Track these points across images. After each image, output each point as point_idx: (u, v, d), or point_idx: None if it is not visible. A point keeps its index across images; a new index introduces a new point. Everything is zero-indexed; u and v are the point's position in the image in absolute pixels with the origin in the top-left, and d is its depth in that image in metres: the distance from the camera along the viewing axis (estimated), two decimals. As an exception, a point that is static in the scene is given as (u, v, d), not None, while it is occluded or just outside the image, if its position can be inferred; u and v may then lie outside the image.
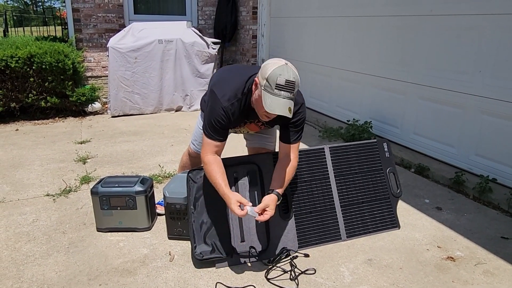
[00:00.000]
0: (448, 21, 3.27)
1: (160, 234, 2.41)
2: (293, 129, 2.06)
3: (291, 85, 1.77)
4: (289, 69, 1.79)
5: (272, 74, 1.76)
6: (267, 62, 1.85)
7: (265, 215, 1.93)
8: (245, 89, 1.96)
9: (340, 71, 4.67)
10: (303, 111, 2.06)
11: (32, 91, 4.82)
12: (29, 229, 2.46)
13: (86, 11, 5.77)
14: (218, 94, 1.94)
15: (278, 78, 1.75)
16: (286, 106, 1.77)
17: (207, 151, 1.99)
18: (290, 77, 1.77)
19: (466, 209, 2.81)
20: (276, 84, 1.75)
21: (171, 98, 5.47)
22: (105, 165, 3.51)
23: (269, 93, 1.78)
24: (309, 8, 5.11)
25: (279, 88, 1.76)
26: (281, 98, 1.77)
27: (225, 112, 1.92)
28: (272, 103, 1.77)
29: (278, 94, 1.76)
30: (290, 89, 1.78)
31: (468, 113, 3.21)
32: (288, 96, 1.78)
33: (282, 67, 1.78)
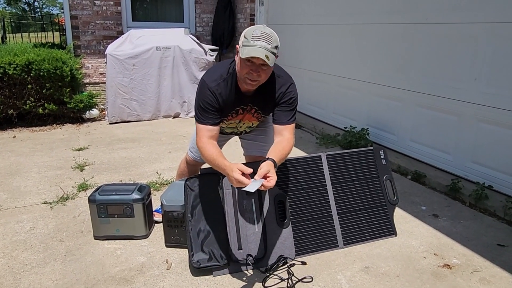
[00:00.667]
0: (444, 29, 3.31)
1: (157, 242, 2.41)
2: (285, 109, 2.06)
3: (267, 35, 1.82)
4: (266, 28, 1.86)
5: (249, 30, 1.86)
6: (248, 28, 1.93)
7: (270, 181, 1.76)
8: (230, 69, 2.01)
9: (337, 78, 4.70)
10: (293, 90, 2.08)
11: (30, 98, 4.83)
12: (26, 237, 2.46)
13: (84, 18, 5.79)
14: (206, 78, 2.01)
15: (254, 31, 1.83)
16: (262, 52, 1.79)
17: (201, 136, 1.99)
18: (266, 30, 1.84)
19: (463, 216, 2.82)
20: (252, 36, 1.82)
21: (169, 104, 5.48)
22: (102, 172, 3.51)
23: (246, 45, 1.83)
24: (306, 15, 5.15)
25: (255, 38, 1.81)
26: (257, 47, 1.80)
27: (211, 92, 1.96)
28: (249, 50, 1.81)
29: (254, 44, 1.81)
30: (267, 40, 1.81)
31: (464, 121, 3.23)
32: (265, 46, 1.81)
33: (258, 26, 1.87)
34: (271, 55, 1.82)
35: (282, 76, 2.07)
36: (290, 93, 2.06)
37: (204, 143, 1.97)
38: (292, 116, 2.09)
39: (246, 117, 2.20)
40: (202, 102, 1.97)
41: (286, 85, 2.06)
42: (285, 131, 2.06)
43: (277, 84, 2.05)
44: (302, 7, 5.22)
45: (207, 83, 1.98)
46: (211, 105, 1.97)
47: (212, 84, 1.97)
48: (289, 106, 2.07)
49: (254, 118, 2.22)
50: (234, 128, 2.32)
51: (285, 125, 2.06)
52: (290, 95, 2.06)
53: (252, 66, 1.85)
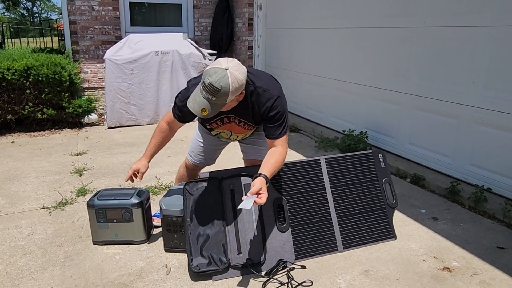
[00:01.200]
0: (441, 33, 3.32)
1: (156, 247, 2.40)
2: (274, 124, 2.06)
3: (212, 90, 1.79)
4: (220, 74, 1.78)
5: (206, 71, 1.83)
6: (217, 60, 1.90)
7: (261, 198, 1.85)
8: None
9: (336, 81, 4.71)
10: (280, 104, 2.04)
11: (28, 103, 4.82)
12: (24, 242, 2.45)
13: (83, 23, 5.80)
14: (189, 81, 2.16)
15: (205, 78, 1.81)
16: (200, 106, 1.83)
17: (163, 118, 2.29)
18: (214, 82, 1.77)
19: (462, 219, 2.82)
20: (202, 82, 1.83)
21: (168, 109, 5.44)
22: (101, 177, 3.50)
23: (198, 86, 1.86)
24: (305, 19, 5.16)
25: (203, 87, 1.82)
26: (200, 96, 1.83)
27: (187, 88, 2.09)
28: (191, 98, 1.87)
29: (201, 91, 1.83)
30: (210, 93, 1.80)
31: (462, 123, 3.24)
32: (209, 98, 1.81)
33: (215, 70, 1.80)
34: (213, 107, 1.83)
35: (268, 90, 2.03)
36: (276, 108, 2.03)
37: (161, 124, 2.28)
38: (282, 129, 2.08)
39: (236, 129, 2.21)
40: (178, 99, 2.16)
41: (272, 99, 2.02)
42: (277, 143, 2.08)
43: (263, 98, 2.02)
44: (301, 11, 5.23)
45: (187, 84, 2.14)
46: (183, 100, 2.08)
47: (189, 84, 2.12)
48: (277, 121, 2.05)
49: (245, 130, 2.23)
50: (227, 139, 2.35)
51: (277, 139, 2.08)
52: (276, 109, 2.03)
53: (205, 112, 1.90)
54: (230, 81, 1.79)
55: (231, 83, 1.79)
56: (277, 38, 5.94)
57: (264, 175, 1.93)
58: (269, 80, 2.10)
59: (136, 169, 2.26)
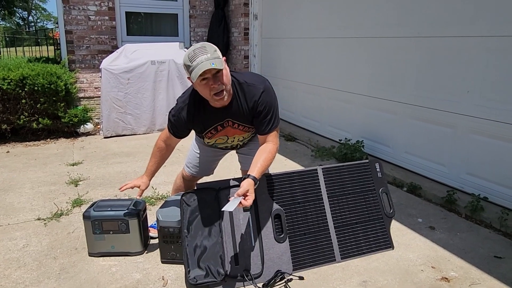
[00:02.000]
0: (436, 43, 3.36)
1: (153, 258, 2.38)
2: (263, 118, 2.07)
3: (201, 49, 1.86)
4: (196, 44, 1.91)
5: (185, 57, 1.91)
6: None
7: (247, 200, 1.86)
8: (191, 95, 2.10)
9: (332, 91, 4.73)
10: (266, 97, 2.05)
11: (24, 113, 4.80)
12: (19, 254, 2.42)
13: (79, 33, 5.81)
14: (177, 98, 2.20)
15: (189, 54, 1.88)
16: (207, 64, 1.83)
17: (160, 137, 2.31)
18: (197, 46, 1.89)
19: (459, 228, 2.82)
20: (189, 58, 1.86)
21: (164, 118, 5.47)
22: (97, 187, 3.48)
23: (191, 70, 1.86)
24: (300, 29, 5.20)
25: (192, 58, 1.85)
26: (199, 64, 1.84)
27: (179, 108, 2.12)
28: (195, 71, 1.85)
29: (196, 63, 1.84)
30: (203, 52, 1.85)
31: (458, 133, 3.26)
32: (206, 57, 1.85)
33: (191, 47, 1.92)
34: (216, 60, 1.86)
35: (253, 84, 2.05)
36: (263, 101, 2.03)
37: (158, 143, 2.32)
38: (272, 123, 2.08)
39: (231, 132, 2.21)
40: (172, 116, 2.18)
41: (258, 93, 2.03)
42: (268, 139, 2.11)
43: (249, 94, 2.04)
44: (297, 21, 5.27)
45: (178, 99, 2.17)
46: (177, 119, 2.15)
47: (180, 99, 2.15)
48: (266, 115, 2.06)
49: (241, 131, 2.22)
50: (225, 143, 2.33)
51: (267, 134, 2.10)
52: (263, 103, 2.04)
53: (209, 81, 1.88)
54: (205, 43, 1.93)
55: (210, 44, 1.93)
56: (273, 47, 5.97)
57: (252, 176, 1.95)
58: (253, 75, 2.12)
59: (137, 185, 2.30)
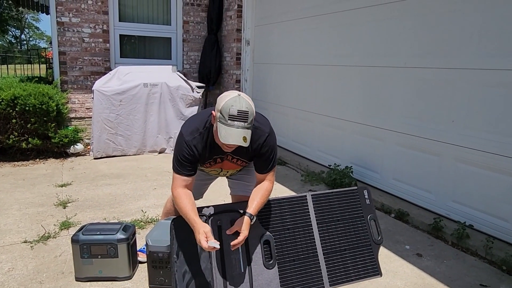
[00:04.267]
0: (422, 73, 3.47)
1: (141, 283, 2.36)
2: (264, 159, 2.12)
3: (244, 114, 1.84)
4: (241, 100, 1.86)
5: (225, 106, 1.84)
6: (222, 94, 1.93)
7: (239, 237, 1.94)
8: (207, 123, 2.04)
9: (322, 116, 4.82)
10: (271, 140, 2.11)
11: (13, 132, 4.78)
12: (4, 279, 2.38)
13: (73, 54, 5.86)
14: (183, 131, 2.05)
15: (230, 109, 1.82)
16: (240, 136, 1.83)
17: (176, 185, 2.06)
18: (242, 107, 1.84)
19: (446, 255, 2.86)
20: (229, 115, 1.83)
21: (155, 140, 5.50)
22: (86, 209, 3.46)
23: (223, 124, 1.84)
24: (291, 55, 5.33)
25: (232, 118, 1.83)
26: (234, 128, 1.83)
27: (187, 145, 2.00)
28: (226, 134, 1.83)
29: (232, 124, 1.83)
30: (243, 119, 1.84)
31: (443, 161, 3.34)
32: (242, 125, 1.84)
33: (234, 98, 1.86)
34: (248, 132, 1.87)
35: (259, 127, 2.09)
36: (267, 145, 2.09)
37: (178, 192, 2.04)
38: (271, 164, 2.15)
39: (227, 165, 2.25)
40: (179, 154, 2.03)
41: (263, 136, 2.09)
42: (266, 177, 2.17)
43: (255, 136, 2.08)
44: (288, 48, 5.40)
45: (184, 136, 2.03)
46: (186, 157, 2.02)
47: (188, 137, 2.02)
48: (268, 157, 2.12)
49: (236, 165, 2.27)
50: (217, 174, 2.38)
51: (266, 174, 2.16)
52: (267, 146, 2.10)
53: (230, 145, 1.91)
54: (249, 102, 1.89)
55: (250, 103, 1.89)
56: (264, 72, 6.09)
57: (249, 214, 2.02)
58: (259, 117, 2.16)
59: (206, 232, 1.96)
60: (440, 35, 3.29)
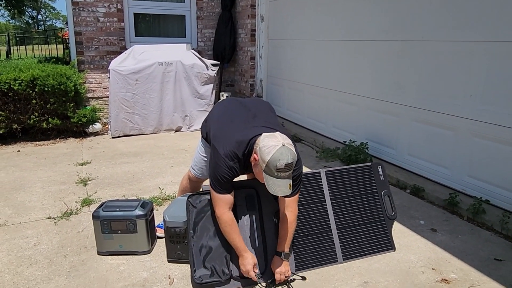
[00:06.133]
0: (439, 47, 3.39)
1: (159, 257, 2.45)
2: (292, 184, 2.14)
3: (290, 166, 1.90)
4: (286, 151, 1.90)
5: (272, 160, 1.87)
6: (266, 142, 1.93)
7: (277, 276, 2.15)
8: (246, 151, 2.06)
9: (337, 92, 4.77)
10: (300, 166, 2.16)
11: (34, 113, 4.90)
12: (30, 252, 2.51)
13: (88, 34, 5.90)
14: (221, 152, 2.05)
15: (278, 164, 1.87)
16: (286, 185, 1.91)
17: (222, 207, 2.11)
18: (289, 160, 1.88)
19: (460, 230, 2.86)
20: (276, 168, 1.87)
21: (171, 118, 5.56)
22: (105, 187, 3.56)
23: (270, 175, 1.90)
24: (306, 31, 5.25)
25: (279, 171, 1.88)
26: (281, 180, 1.90)
27: (229, 168, 2.05)
28: (274, 185, 1.90)
29: (279, 176, 1.89)
30: (289, 170, 1.90)
31: (460, 136, 3.29)
32: (288, 175, 1.91)
33: (280, 151, 1.88)
34: (291, 184, 1.94)
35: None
36: (297, 170, 2.12)
37: (226, 219, 2.11)
38: (297, 188, 2.19)
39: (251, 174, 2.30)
40: (221, 178, 2.06)
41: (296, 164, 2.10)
42: (290, 203, 2.19)
43: None
44: (303, 23, 5.32)
45: (225, 159, 2.05)
46: (228, 178, 2.07)
47: (230, 162, 2.05)
48: (295, 181, 2.14)
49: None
50: None
51: (291, 198, 2.18)
52: (297, 172, 2.13)
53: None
54: (293, 150, 1.95)
55: (294, 150, 1.95)
56: (279, 49, 6.02)
57: (284, 254, 2.17)
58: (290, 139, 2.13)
59: (255, 263, 2.15)
60: (458, 7, 3.19)
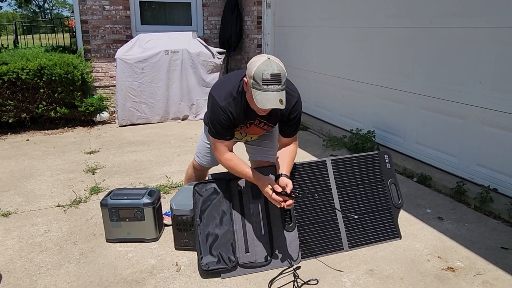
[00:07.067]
0: (448, 33, 3.33)
1: (167, 245, 2.49)
2: (291, 123, 2.19)
3: (277, 77, 1.85)
4: (272, 63, 1.86)
5: (257, 71, 1.84)
6: (252, 60, 1.93)
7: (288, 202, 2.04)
8: (239, 88, 2.05)
9: (344, 80, 4.74)
10: (299, 105, 2.16)
11: (42, 102, 4.94)
12: (41, 240, 2.55)
13: (94, 22, 5.90)
14: (215, 95, 2.06)
15: (263, 74, 1.83)
16: (276, 99, 1.84)
17: (220, 152, 2.12)
18: (274, 70, 1.84)
19: (467, 219, 2.85)
20: (262, 80, 1.83)
21: (178, 107, 5.57)
22: (113, 175, 3.60)
23: (258, 90, 1.86)
24: (312, 18, 5.19)
25: (266, 83, 1.84)
26: (270, 92, 1.84)
27: (223, 111, 2.02)
28: (263, 99, 1.85)
29: (267, 89, 1.84)
30: (277, 82, 1.85)
31: (468, 124, 3.26)
32: (277, 88, 1.86)
33: (265, 62, 1.86)
34: (283, 94, 1.88)
35: (289, 92, 2.08)
36: (295, 109, 2.13)
37: (226, 157, 2.12)
38: (297, 127, 2.22)
39: (253, 130, 2.28)
40: (215, 121, 2.04)
41: (293, 102, 2.12)
42: (291, 142, 2.24)
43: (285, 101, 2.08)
44: (309, 10, 5.26)
45: (218, 101, 2.03)
46: (223, 123, 2.04)
47: (223, 103, 2.02)
48: (294, 121, 2.17)
49: (262, 130, 2.30)
50: (240, 139, 2.42)
51: (291, 137, 2.23)
52: (295, 111, 2.14)
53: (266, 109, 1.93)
54: (280, 64, 1.89)
55: (281, 65, 1.89)
56: (285, 36, 5.97)
57: (284, 174, 2.13)
58: (288, 82, 2.14)
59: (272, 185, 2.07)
60: (469, -8, 3.13)
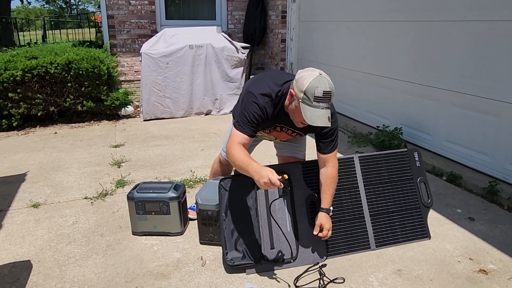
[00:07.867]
0: (482, 27, 3.21)
1: (192, 239, 2.49)
2: (328, 139, 2.11)
3: (328, 95, 1.83)
4: (324, 80, 1.84)
5: (310, 87, 1.82)
6: (302, 74, 1.89)
7: (324, 232, 2.11)
8: (280, 93, 2.01)
9: (370, 76, 4.64)
10: (336, 119, 2.11)
11: (69, 96, 5.04)
12: (69, 231, 2.60)
13: (120, 17, 5.96)
14: (254, 91, 2.01)
15: (316, 91, 1.81)
16: (325, 116, 1.84)
17: (234, 141, 1.99)
18: (327, 88, 1.83)
19: (500, 220, 2.75)
20: (314, 96, 1.81)
21: (201, 102, 5.58)
22: (138, 169, 3.63)
23: (308, 105, 1.84)
24: (339, 12, 5.10)
25: (317, 100, 1.82)
26: (320, 110, 1.83)
27: (259, 107, 1.98)
28: (313, 116, 1.83)
29: (317, 105, 1.82)
30: (328, 99, 1.84)
31: (503, 121, 3.13)
32: (326, 106, 1.84)
33: (317, 78, 1.83)
34: (329, 112, 1.86)
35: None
36: (333, 123, 2.03)
37: (235, 147, 1.98)
38: (335, 143, 2.14)
39: (282, 135, 2.26)
40: (248, 114, 1.98)
41: (333, 117, 2.04)
42: (329, 159, 2.15)
43: None
44: (335, 4, 5.17)
45: (257, 97, 1.98)
46: (255, 117, 1.99)
47: (262, 100, 1.98)
48: (330, 137, 2.10)
49: (290, 136, 2.27)
50: (268, 139, 2.41)
51: (329, 154, 2.14)
52: (333, 125, 2.05)
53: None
54: (330, 80, 1.88)
55: (331, 81, 1.88)
56: (310, 31, 5.89)
57: (325, 209, 2.15)
58: None
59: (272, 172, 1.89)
60: (506, -17, 3.00)
